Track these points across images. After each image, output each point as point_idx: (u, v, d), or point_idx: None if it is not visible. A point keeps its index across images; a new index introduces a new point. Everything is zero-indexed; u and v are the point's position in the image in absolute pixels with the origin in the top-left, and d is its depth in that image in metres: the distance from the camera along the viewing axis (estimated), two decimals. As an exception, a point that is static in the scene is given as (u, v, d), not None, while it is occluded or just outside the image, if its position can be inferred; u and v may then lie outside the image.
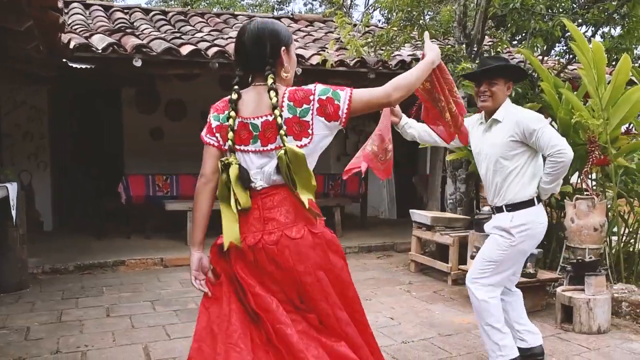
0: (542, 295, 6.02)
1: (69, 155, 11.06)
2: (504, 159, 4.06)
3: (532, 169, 4.08)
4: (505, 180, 4.07)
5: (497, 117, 4.10)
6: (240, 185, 2.55)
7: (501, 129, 4.08)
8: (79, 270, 7.50)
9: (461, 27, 8.07)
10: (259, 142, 2.56)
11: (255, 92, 2.60)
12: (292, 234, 2.53)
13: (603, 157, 5.96)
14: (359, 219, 11.29)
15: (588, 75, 5.97)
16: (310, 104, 2.52)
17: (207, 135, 2.69)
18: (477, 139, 4.28)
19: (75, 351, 4.65)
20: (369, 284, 7.04)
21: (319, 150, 2.63)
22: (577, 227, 5.90)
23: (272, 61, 2.58)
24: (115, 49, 7.24)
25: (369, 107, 2.62)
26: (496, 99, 4.10)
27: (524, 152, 4.04)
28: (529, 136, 3.95)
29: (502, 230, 4.05)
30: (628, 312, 5.60)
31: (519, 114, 4.07)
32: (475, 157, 4.37)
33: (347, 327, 2.58)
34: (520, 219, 4.02)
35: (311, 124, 2.52)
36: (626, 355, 4.68)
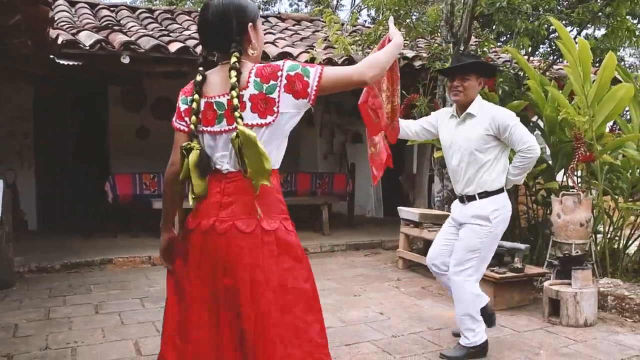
0: (529, 290, 6.06)
1: (70, 155, 10.96)
2: (479, 151, 4.32)
3: (504, 162, 4.40)
4: (479, 171, 4.34)
5: (471, 111, 4.36)
6: (197, 172, 2.43)
7: (476, 123, 4.34)
8: (66, 268, 7.46)
9: (448, 26, 8.10)
10: (224, 122, 2.43)
11: (223, 71, 2.47)
12: (242, 226, 2.39)
13: (589, 154, 6.01)
14: (346, 217, 11.32)
15: (574, 73, 6.03)
16: (277, 80, 2.40)
17: (176, 120, 2.58)
18: (449, 132, 4.55)
19: (65, 347, 4.63)
20: (357, 281, 7.07)
21: (287, 130, 2.49)
22: (563, 223, 5.96)
23: (238, 38, 2.46)
24: (103, 46, 7.21)
25: (341, 86, 2.50)
26: (468, 94, 4.37)
27: (497, 146, 4.33)
28: (502, 131, 4.25)
29: (480, 218, 4.32)
30: (614, 306, 5.65)
31: (494, 110, 4.39)
32: (446, 149, 4.59)
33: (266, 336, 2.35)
34: (494, 204, 4.33)
35: (277, 101, 2.40)
36: (613, 346, 4.73)
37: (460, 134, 4.42)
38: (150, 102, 10.91)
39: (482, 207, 4.33)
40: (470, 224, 4.37)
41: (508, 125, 4.25)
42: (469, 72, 4.38)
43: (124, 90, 10.77)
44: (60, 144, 10.79)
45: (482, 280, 5.71)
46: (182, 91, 2.62)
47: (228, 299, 2.38)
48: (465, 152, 4.36)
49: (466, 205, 4.44)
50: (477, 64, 4.50)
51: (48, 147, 10.60)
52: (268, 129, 2.41)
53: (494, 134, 4.29)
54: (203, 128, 2.49)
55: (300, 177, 10.65)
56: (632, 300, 5.52)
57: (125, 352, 4.52)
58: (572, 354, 4.56)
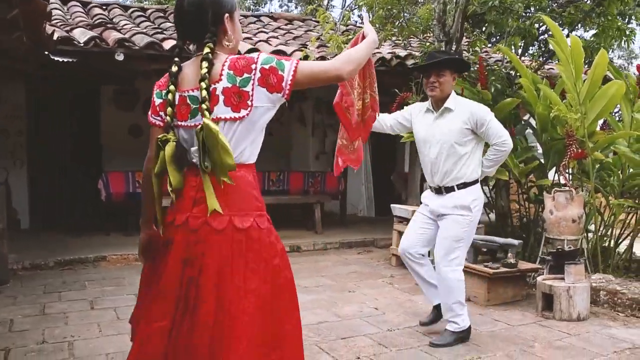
0: (522, 285, 6.12)
1: (69, 155, 10.91)
2: (458, 144, 4.54)
3: (479, 154, 4.66)
4: (457, 163, 4.56)
5: (449, 105, 4.59)
6: (174, 165, 2.36)
7: (454, 117, 4.58)
8: (60, 266, 7.44)
9: (440, 25, 8.16)
10: (198, 116, 2.35)
11: (196, 64, 2.41)
12: (214, 223, 2.32)
13: (580, 151, 6.07)
14: (339, 216, 11.35)
15: (566, 71, 6.08)
16: (251, 73, 2.34)
17: (152, 115, 2.53)
18: (425, 125, 4.74)
19: (61, 341, 4.63)
20: (351, 278, 7.11)
21: (261, 124, 2.44)
22: (555, 219, 6.02)
23: (214, 29, 2.41)
24: (98, 43, 7.22)
25: (317, 81, 2.45)
26: (444, 89, 4.58)
27: (473, 139, 4.58)
28: (480, 126, 4.52)
29: (462, 208, 4.55)
30: (606, 301, 5.71)
31: (472, 105, 4.67)
32: (422, 142, 4.77)
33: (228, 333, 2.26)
34: (472, 194, 4.59)
35: (251, 95, 2.35)
36: (605, 340, 4.79)
37: (440, 128, 4.61)
38: (142, 101, 10.90)
39: (462, 197, 4.55)
40: (452, 214, 4.57)
41: (485, 120, 4.51)
42: (444, 68, 4.58)
43: (116, 90, 10.77)
44: (59, 144, 10.73)
45: (475, 275, 5.83)
46: (157, 85, 2.57)
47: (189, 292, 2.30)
48: (445, 145, 4.55)
49: (444, 196, 4.63)
50: (451, 60, 4.73)
51: (47, 147, 10.58)
52: (242, 123, 2.36)
53: (472, 127, 4.54)
54: (178, 122, 2.44)
55: (293, 176, 10.67)
56: (624, 295, 5.58)
57: (122, 346, 4.51)
58: (566, 346, 4.61)
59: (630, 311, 5.49)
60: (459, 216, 4.55)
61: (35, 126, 10.51)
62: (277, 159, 12.39)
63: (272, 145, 12.71)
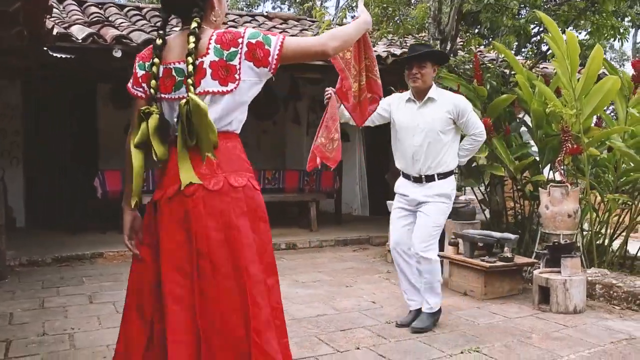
0: (518, 280, 6.16)
1: (69, 155, 10.87)
2: (442, 132, 4.77)
3: (457, 145, 4.93)
4: (440, 151, 4.77)
5: (432, 96, 4.82)
6: (158, 136, 2.40)
7: (438, 107, 4.80)
8: (57, 262, 7.46)
9: (436, 23, 8.22)
10: (183, 88, 2.37)
11: (183, 37, 2.43)
12: (209, 185, 2.36)
13: (576, 146, 6.12)
14: (334, 215, 11.38)
15: (561, 67, 6.14)
16: (238, 47, 2.38)
17: (133, 86, 2.55)
18: (407, 115, 4.91)
19: (62, 333, 4.65)
20: (348, 273, 7.14)
21: (248, 98, 2.47)
22: (551, 214, 6.07)
23: (201, 4, 2.44)
24: (95, 39, 7.24)
25: (303, 56, 2.49)
26: (426, 80, 4.80)
27: (453, 129, 4.85)
28: (461, 116, 4.79)
29: (444, 196, 4.79)
30: (602, 294, 5.76)
31: (454, 96, 4.97)
32: (404, 130, 4.92)
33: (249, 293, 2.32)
34: (451, 184, 4.86)
35: (239, 69, 2.38)
36: (602, 331, 4.83)
37: (423, 117, 4.81)
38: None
39: (442, 186, 4.79)
40: (434, 202, 4.78)
41: (466, 110, 4.82)
42: (426, 60, 4.79)
43: (113, 88, 10.77)
44: (59, 144, 10.69)
45: (472, 270, 5.89)
46: (139, 57, 2.58)
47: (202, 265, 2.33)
48: (431, 133, 4.76)
49: (424, 185, 4.82)
50: (431, 53, 4.97)
51: (47, 147, 10.59)
52: (230, 96, 2.39)
53: (454, 117, 4.79)
54: (161, 95, 2.45)
55: (288, 174, 10.70)
56: (619, 288, 5.63)
57: (123, 338, 4.54)
58: (564, 337, 4.65)
59: (626, 304, 5.54)
60: (442, 204, 4.79)
61: (35, 126, 10.53)
62: (272, 158, 12.43)
63: (267, 144, 12.81)
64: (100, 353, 4.17)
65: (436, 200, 4.76)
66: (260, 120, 12.22)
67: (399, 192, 5.02)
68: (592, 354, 4.27)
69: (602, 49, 5.96)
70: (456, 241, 6.35)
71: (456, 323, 5.04)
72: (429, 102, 4.83)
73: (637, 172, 6.55)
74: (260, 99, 2.60)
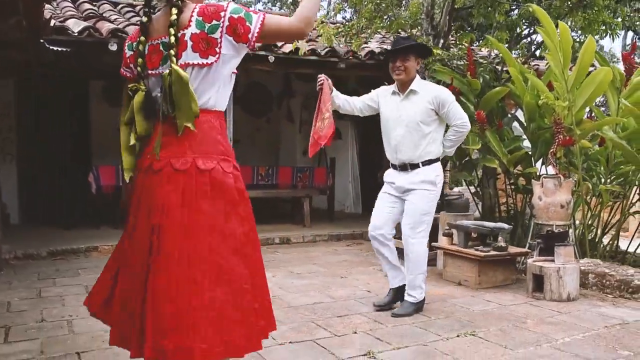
0: (512, 269, 6.22)
1: (66, 152, 10.85)
2: (424, 123, 4.91)
3: (441, 134, 5.04)
4: (422, 142, 4.92)
5: (414, 88, 4.96)
6: (142, 113, 2.48)
7: (420, 98, 4.94)
8: (52, 256, 7.47)
9: (429, 19, 8.27)
10: (169, 62, 2.39)
11: (167, 12, 2.46)
12: (177, 164, 2.38)
13: (568, 138, 6.18)
14: (327, 211, 11.42)
15: (554, 59, 6.20)
16: (220, 20, 2.39)
17: (123, 67, 2.63)
18: (392, 107, 5.09)
19: (60, 320, 4.67)
20: (342, 265, 7.19)
21: (227, 71, 2.49)
22: (544, 205, 6.12)
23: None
24: (91, 33, 7.26)
25: (281, 37, 2.64)
26: (409, 73, 4.94)
27: (436, 119, 4.97)
28: (442, 107, 4.91)
29: (428, 183, 4.91)
30: (594, 283, 5.82)
31: (435, 88, 5.10)
32: (389, 122, 5.10)
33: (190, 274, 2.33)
34: (435, 171, 4.97)
35: (219, 42, 2.40)
36: (596, 317, 4.89)
37: (406, 109, 4.97)
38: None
39: (427, 173, 4.91)
40: (419, 189, 4.90)
41: (447, 101, 4.91)
42: (409, 53, 4.93)
43: (105, 86, 10.78)
44: (56, 141, 10.71)
45: (466, 259, 5.94)
46: (128, 38, 2.65)
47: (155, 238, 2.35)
48: (412, 124, 4.91)
49: (410, 173, 4.96)
50: (415, 46, 5.08)
51: (43, 144, 10.60)
52: (210, 69, 2.42)
53: (435, 108, 4.91)
54: (148, 72, 2.50)
55: (282, 170, 10.74)
56: (612, 277, 5.69)
57: (121, 324, 4.56)
58: (558, 322, 4.71)
59: (618, 292, 5.61)
60: (426, 191, 4.90)
61: (35, 123, 10.52)
62: (265, 155, 12.47)
63: (261, 141, 12.85)
64: (99, 337, 4.20)
65: (421, 187, 4.90)
66: (253, 117, 12.26)
67: (387, 180, 5.18)
68: (586, 337, 4.33)
69: (594, 41, 6.01)
70: (450, 232, 6.40)
71: (451, 310, 5.09)
72: (411, 95, 4.98)
73: (628, 165, 6.63)
74: (254, 96, 2.61)
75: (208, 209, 2.38)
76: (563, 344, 4.16)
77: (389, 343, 4.13)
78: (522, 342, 4.19)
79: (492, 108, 7.25)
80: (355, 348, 4.02)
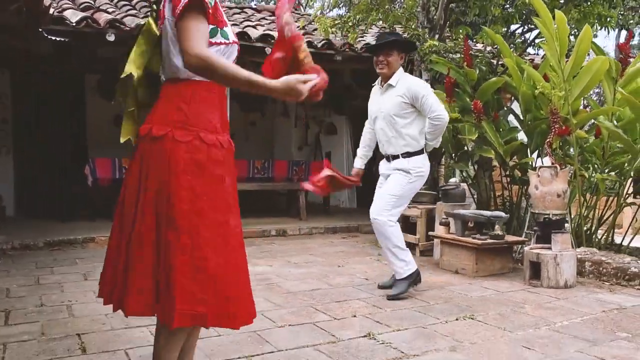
0: (509, 258, 6.25)
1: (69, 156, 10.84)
2: (398, 116, 5.07)
3: (420, 127, 5.11)
4: (399, 135, 5.08)
5: (391, 82, 5.11)
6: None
7: (395, 92, 5.09)
8: (49, 246, 7.46)
9: (425, 12, 8.31)
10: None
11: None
12: (153, 130, 2.35)
13: (565, 127, 6.21)
14: (322, 205, 11.44)
15: (551, 49, 6.22)
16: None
17: None
18: (374, 101, 5.34)
19: (60, 305, 4.66)
20: (339, 255, 7.21)
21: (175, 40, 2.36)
22: (541, 194, 6.14)
23: None
24: (89, 23, 7.26)
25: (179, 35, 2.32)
26: (391, 67, 5.09)
27: (413, 112, 5.08)
28: (415, 100, 5.01)
29: (401, 170, 5.07)
30: (591, 271, 5.86)
31: (410, 81, 5.15)
32: (373, 116, 5.33)
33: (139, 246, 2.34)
34: (415, 162, 5.08)
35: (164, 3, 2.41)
36: (593, 302, 4.93)
37: (385, 102, 5.16)
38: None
39: (404, 163, 5.08)
40: (394, 174, 5.12)
41: (419, 94, 5.00)
42: (392, 48, 5.07)
43: (101, 79, 10.78)
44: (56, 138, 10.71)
45: (463, 247, 5.97)
46: None
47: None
48: (388, 117, 5.10)
49: (392, 162, 5.18)
50: (398, 41, 5.20)
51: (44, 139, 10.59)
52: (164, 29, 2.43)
53: (409, 101, 5.03)
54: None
55: (277, 164, 10.76)
56: (609, 265, 5.73)
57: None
58: (556, 307, 4.74)
59: (615, 280, 5.64)
60: (399, 174, 5.07)
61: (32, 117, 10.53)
62: (260, 150, 12.48)
63: (257, 136, 12.86)
64: (99, 320, 4.20)
65: (394, 172, 5.11)
66: (247, 111, 12.27)
67: (380, 171, 5.37)
68: (584, 320, 4.36)
69: (591, 30, 6.03)
70: (447, 221, 6.43)
71: (449, 296, 5.12)
72: (389, 89, 5.14)
73: (624, 156, 6.66)
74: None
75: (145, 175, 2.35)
76: (562, 326, 4.18)
77: (389, 325, 4.16)
78: (521, 325, 4.22)
79: (488, 100, 7.28)
80: (355, 330, 4.04)
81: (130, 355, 3.46)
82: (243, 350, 3.56)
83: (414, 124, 5.08)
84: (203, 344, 3.58)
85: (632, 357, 3.51)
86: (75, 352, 3.52)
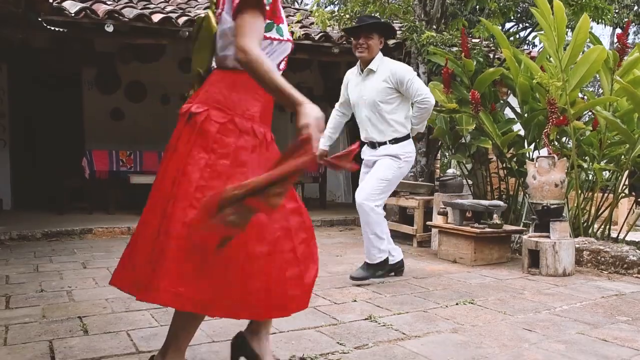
0: (507, 247, 6.27)
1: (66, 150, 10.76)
2: (383, 102, 4.98)
3: (406, 112, 5.08)
4: (385, 121, 5.01)
5: (371, 67, 5.02)
6: None
7: (377, 77, 5.00)
8: (47, 237, 7.47)
9: (422, 5, 8.33)
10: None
11: None
12: (192, 108, 2.39)
13: (562, 117, 6.23)
14: (318, 200, 11.45)
15: (549, 39, 6.23)
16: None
17: None
18: (354, 87, 5.20)
19: (60, 290, 4.66)
20: (337, 247, 7.22)
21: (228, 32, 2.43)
22: (539, 183, 6.15)
23: None
24: (88, 14, 7.24)
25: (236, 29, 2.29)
26: (371, 51, 4.99)
27: (397, 97, 5.00)
28: (400, 84, 4.93)
29: (391, 155, 5.01)
30: (589, 260, 5.88)
31: (393, 65, 5.05)
32: (354, 102, 5.21)
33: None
34: (404, 148, 5.05)
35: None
36: (593, 289, 4.95)
37: (367, 88, 5.05)
38: (124, 86, 10.91)
39: (392, 149, 5.03)
40: (382, 159, 5.04)
41: (405, 78, 4.93)
42: (372, 31, 4.98)
43: (98, 74, 10.78)
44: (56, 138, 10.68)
45: (461, 237, 5.97)
46: None
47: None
48: (372, 104, 5.01)
49: (378, 149, 5.11)
50: (378, 24, 5.10)
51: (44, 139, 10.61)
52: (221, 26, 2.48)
53: (394, 86, 4.95)
54: None
55: (275, 157, 10.73)
56: (607, 253, 5.75)
57: (121, 294, 4.53)
58: (555, 293, 4.76)
59: (613, 268, 5.67)
60: (389, 159, 5.01)
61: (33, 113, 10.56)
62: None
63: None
64: (99, 304, 4.20)
65: (383, 158, 5.04)
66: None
67: (363, 157, 5.27)
68: (584, 305, 4.38)
69: (589, 19, 6.04)
70: (445, 211, 6.44)
71: (448, 283, 5.14)
72: (370, 74, 5.06)
73: (621, 147, 6.69)
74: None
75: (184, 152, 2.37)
76: (562, 310, 4.20)
77: (389, 309, 4.17)
78: (521, 309, 4.23)
79: (485, 93, 7.29)
80: (356, 313, 4.06)
81: (132, 336, 3.47)
82: (245, 331, 3.56)
83: (399, 110, 5.03)
84: (206, 326, 3.59)
85: (633, 339, 3.53)
86: (77, 332, 3.52)
